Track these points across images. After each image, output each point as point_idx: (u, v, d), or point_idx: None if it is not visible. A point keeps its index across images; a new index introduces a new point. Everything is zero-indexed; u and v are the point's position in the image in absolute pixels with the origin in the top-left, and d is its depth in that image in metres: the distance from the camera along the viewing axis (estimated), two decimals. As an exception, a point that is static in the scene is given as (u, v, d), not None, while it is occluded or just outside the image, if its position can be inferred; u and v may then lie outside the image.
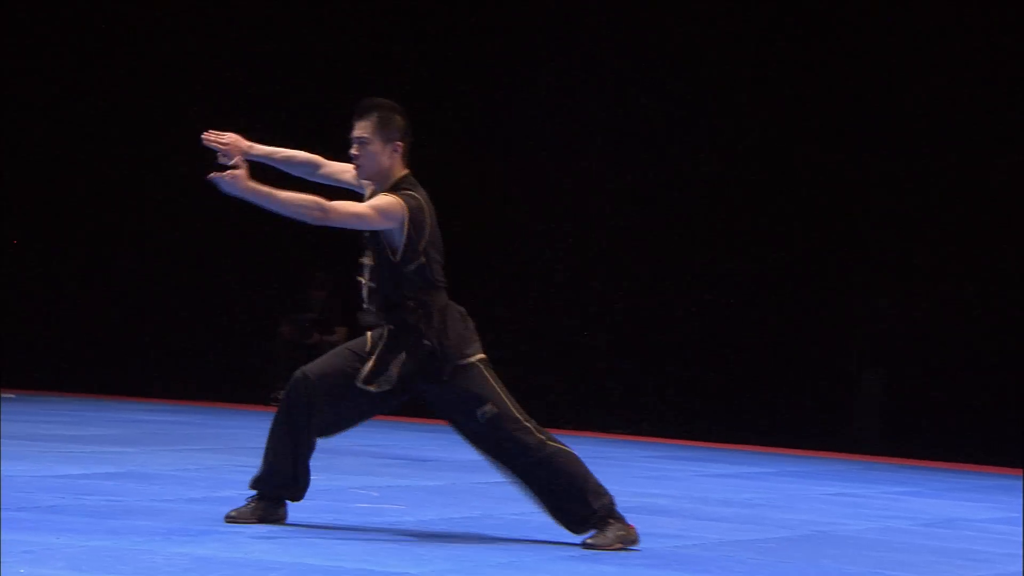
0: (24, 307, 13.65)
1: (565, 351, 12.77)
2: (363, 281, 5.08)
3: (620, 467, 9.10)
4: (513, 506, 6.22)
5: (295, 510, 5.61)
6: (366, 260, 5.09)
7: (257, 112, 13.36)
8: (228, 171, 4.89)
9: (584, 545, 5.07)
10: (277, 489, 5.08)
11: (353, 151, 5.05)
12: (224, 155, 5.10)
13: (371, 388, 5.04)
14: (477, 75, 12.83)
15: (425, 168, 5.31)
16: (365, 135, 5.03)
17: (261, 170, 5.13)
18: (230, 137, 5.15)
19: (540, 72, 12.77)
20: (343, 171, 5.28)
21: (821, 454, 11.49)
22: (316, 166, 5.30)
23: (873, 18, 11.97)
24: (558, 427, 12.48)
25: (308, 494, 6.17)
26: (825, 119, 12.17)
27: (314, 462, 7.79)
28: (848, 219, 12.19)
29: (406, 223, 4.96)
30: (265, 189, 4.90)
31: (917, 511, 7.62)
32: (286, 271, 13.59)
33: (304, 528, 5.12)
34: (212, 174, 4.86)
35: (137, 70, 13.52)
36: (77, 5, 13.62)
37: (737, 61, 12.40)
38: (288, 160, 5.28)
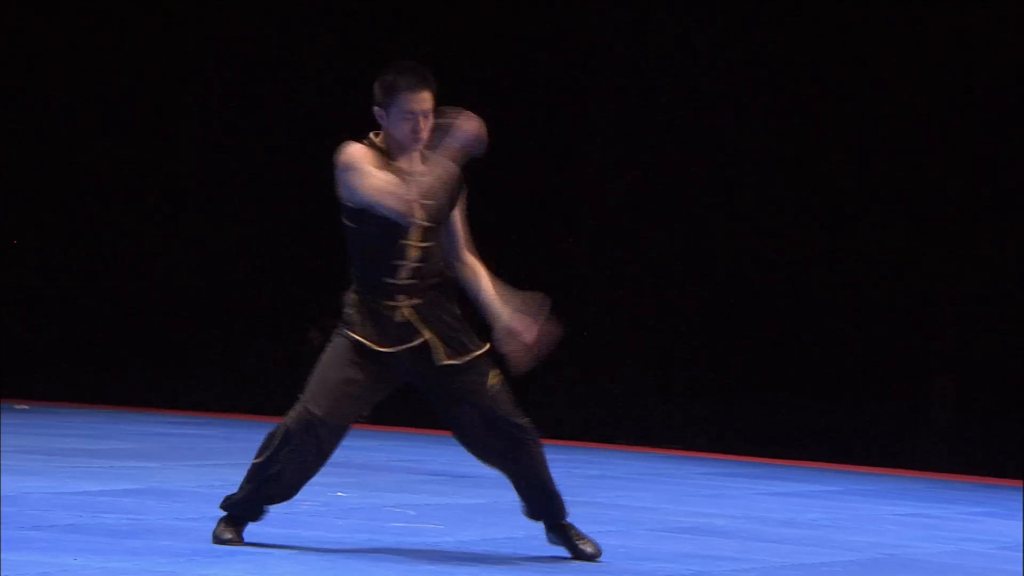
0: (37, 312, 13.74)
1: (608, 358, 12.74)
2: (412, 245, 4.94)
3: (674, 485, 9.07)
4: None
5: (329, 530, 5.61)
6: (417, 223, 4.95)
7: (261, 114, 13.46)
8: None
9: (586, 556, 5.10)
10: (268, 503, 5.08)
11: (420, 125, 4.93)
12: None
13: (457, 361, 4.97)
14: (483, 75, 12.86)
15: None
16: (430, 107, 4.96)
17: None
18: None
19: (542, 72, 12.81)
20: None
21: (890, 471, 11.42)
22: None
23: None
24: (604, 441, 12.48)
25: (341, 512, 6.16)
26: (886, 115, 12.10)
27: (347, 479, 7.78)
28: (916, 218, 12.10)
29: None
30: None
31: (995, 533, 7.55)
32: (316, 273, 13.62)
33: (337, 550, 5.12)
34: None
35: (139, 72, 13.64)
36: (78, 5, 13.77)
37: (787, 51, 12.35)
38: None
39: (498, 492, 7.53)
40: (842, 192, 12.25)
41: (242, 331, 13.67)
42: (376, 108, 5.03)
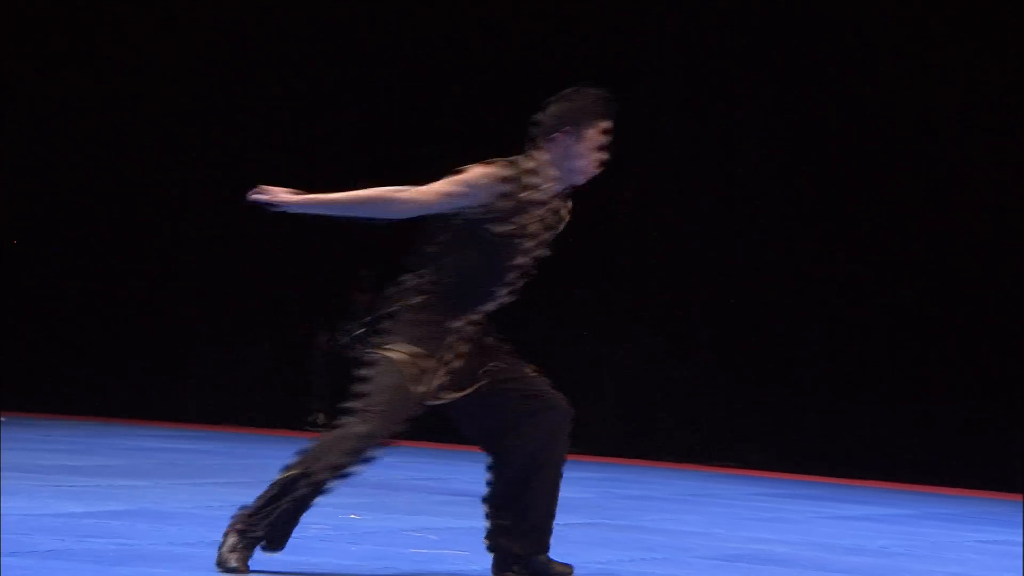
0: (22, 318, 13.80)
1: (650, 366, 12.73)
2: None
3: (726, 507, 9.04)
4: (595, 552, 6.18)
5: (341, 557, 5.60)
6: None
7: (268, 116, 13.55)
8: (266, 192, 4.97)
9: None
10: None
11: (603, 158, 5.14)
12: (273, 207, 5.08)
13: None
14: (518, 75, 12.93)
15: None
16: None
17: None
18: (277, 190, 5.05)
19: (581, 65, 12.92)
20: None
21: (971, 493, 11.37)
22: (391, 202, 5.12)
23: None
24: (648, 458, 12.45)
25: (355, 537, 6.15)
26: (975, 118, 12.14)
27: (361, 500, 7.76)
28: (996, 236, 12.10)
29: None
30: (318, 196, 4.99)
31: (1089, 562, 7.49)
32: (325, 272, 13.65)
33: (349, 578, 5.12)
34: (251, 195, 4.96)
35: (138, 82, 13.75)
36: (79, 4, 13.90)
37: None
38: (354, 201, 5.10)
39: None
40: (922, 212, 12.26)
41: (243, 338, 13.70)
42: (560, 132, 5.08)
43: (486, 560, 5.79)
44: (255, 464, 9.98)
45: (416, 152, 13.35)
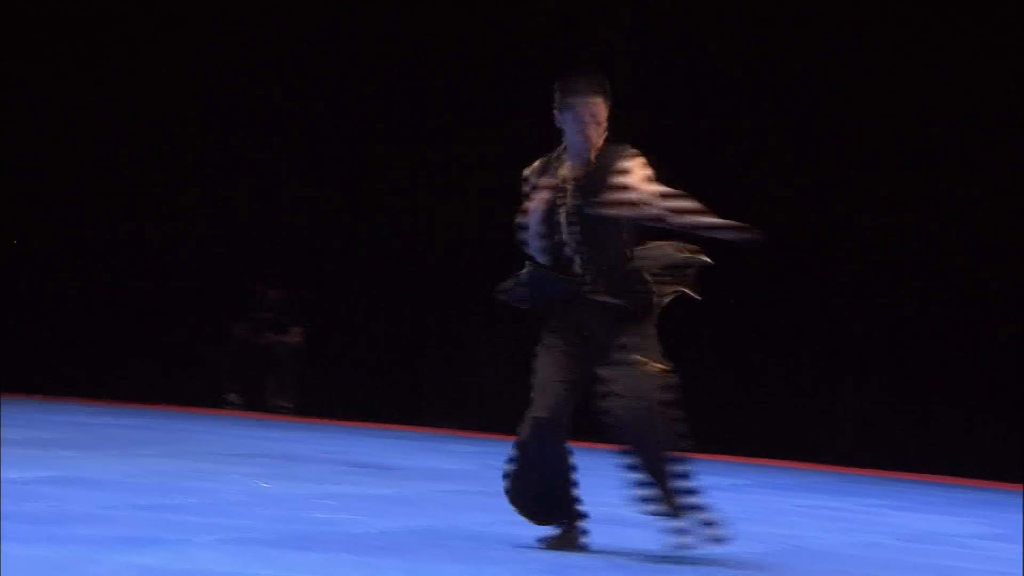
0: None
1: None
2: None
3: (594, 476, 9.11)
4: (478, 516, 6.24)
5: (251, 519, 5.61)
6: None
7: (258, 115, 13.35)
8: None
9: None
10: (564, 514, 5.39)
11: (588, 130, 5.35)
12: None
13: None
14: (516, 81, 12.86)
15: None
16: (601, 114, 5.45)
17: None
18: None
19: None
20: None
21: (798, 465, 11.54)
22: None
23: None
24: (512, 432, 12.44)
25: (263, 501, 6.15)
26: (819, 129, 12.21)
27: (270, 469, 7.73)
28: (828, 220, 12.22)
29: None
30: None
31: (899, 525, 7.67)
32: (240, 268, 13.56)
33: (256, 538, 5.13)
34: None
35: (132, 80, 13.51)
36: (78, 4, 13.62)
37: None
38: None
39: (418, 483, 7.54)
40: (923, 211, 12.17)
41: (166, 324, 13.58)
42: (556, 113, 5.38)
43: (380, 523, 5.83)
44: (175, 438, 9.92)
45: (416, 152, 13.01)
